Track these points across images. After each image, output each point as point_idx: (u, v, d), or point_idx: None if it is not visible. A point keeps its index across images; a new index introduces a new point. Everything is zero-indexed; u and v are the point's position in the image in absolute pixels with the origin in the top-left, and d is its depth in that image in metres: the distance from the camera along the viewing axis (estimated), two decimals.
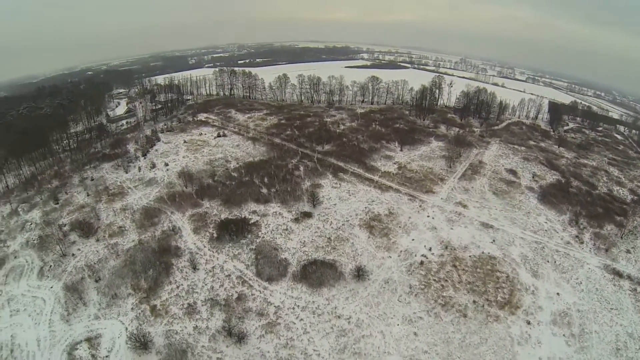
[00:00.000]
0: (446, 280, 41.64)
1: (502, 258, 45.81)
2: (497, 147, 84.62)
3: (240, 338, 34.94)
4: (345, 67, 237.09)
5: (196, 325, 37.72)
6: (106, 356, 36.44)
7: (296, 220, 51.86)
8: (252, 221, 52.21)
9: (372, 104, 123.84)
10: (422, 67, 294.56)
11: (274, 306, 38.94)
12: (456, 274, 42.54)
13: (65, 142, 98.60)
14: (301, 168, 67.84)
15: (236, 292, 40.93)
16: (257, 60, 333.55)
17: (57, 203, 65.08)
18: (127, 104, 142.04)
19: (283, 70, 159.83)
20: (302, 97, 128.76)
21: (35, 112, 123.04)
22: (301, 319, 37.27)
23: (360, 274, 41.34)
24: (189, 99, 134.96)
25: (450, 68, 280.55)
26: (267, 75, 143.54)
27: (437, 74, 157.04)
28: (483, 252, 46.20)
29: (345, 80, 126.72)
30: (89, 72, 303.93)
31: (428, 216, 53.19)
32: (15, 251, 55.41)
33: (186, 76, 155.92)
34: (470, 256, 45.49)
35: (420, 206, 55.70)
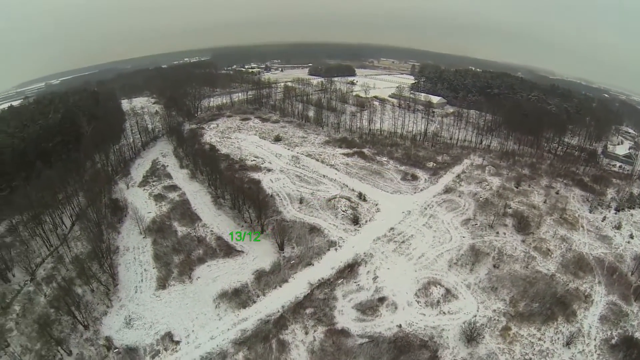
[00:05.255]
0: None
1: None
2: None
3: None
4: None
5: None
6: (452, 314, 42.91)
7: None
8: None
9: None
10: None
11: None
12: None
13: (557, 144, 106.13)
14: None
15: None
16: None
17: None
18: (629, 148, 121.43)
19: None
20: None
21: (540, 104, 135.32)
22: None
23: None
24: None
25: None
26: None
27: None
28: None
29: None
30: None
31: None
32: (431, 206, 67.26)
33: None
34: None
35: None
